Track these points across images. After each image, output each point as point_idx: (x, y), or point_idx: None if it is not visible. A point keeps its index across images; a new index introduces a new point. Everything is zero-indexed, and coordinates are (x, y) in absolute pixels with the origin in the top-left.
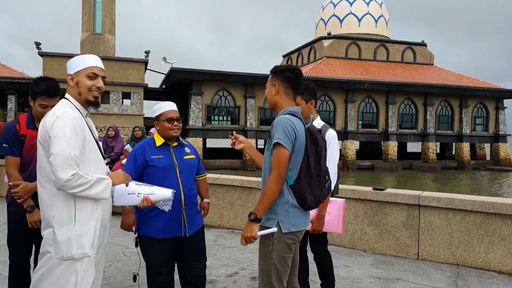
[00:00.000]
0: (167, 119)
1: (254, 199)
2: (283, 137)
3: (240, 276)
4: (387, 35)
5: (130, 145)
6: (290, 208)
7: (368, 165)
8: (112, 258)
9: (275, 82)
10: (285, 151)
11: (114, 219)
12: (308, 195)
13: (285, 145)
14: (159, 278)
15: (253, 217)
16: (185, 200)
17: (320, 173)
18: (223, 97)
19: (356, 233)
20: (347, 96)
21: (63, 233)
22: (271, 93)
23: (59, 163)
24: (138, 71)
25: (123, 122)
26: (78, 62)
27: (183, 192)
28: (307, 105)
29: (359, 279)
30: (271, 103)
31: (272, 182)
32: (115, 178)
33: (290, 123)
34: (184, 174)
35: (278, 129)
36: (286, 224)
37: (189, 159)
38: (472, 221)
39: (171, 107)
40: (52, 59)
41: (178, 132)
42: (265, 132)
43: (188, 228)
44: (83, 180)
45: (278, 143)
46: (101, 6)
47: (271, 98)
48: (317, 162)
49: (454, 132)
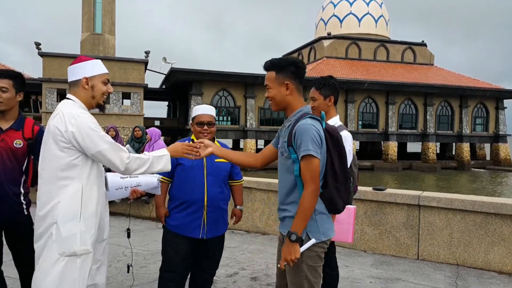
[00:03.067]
0: (198, 122)
1: (254, 199)
2: (312, 147)
3: (240, 276)
4: (387, 35)
5: (130, 145)
6: (318, 216)
7: (368, 165)
8: (112, 258)
9: (287, 81)
10: (317, 160)
11: (114, 219)
12: (337, 199)
13: (316, 155)
14: (172, 276)
15: (295, 237)
16: (207, 202)
17: (346, 175)
18: (223, 97)
19: (356, 233)
20: (347, 96)
21: (68, 229)
22: (280, 93)
23: (109, 154)
24: (138, 72)
25: (123, 122)
26: (96, 67)
27: (206, 193)
28: (325, 101)
29: (359, 279)
30: (281, 104)
31: (310, 196)
32: (173, 152)
33: (316, 130)
34: (212, 176)
35: (304, 138)
36: (315, 233)
37: (220, 162)
38: (472, 221)
39: (204, 111)
40: (52, 59)
41: (208, 136)
42: (265, 132)
43: (207, 231)
44: (140, 161)
45: (309, 155)
46: (101, 6)
47: (282, 99)
48: (341, 164)
49: (454, 132)
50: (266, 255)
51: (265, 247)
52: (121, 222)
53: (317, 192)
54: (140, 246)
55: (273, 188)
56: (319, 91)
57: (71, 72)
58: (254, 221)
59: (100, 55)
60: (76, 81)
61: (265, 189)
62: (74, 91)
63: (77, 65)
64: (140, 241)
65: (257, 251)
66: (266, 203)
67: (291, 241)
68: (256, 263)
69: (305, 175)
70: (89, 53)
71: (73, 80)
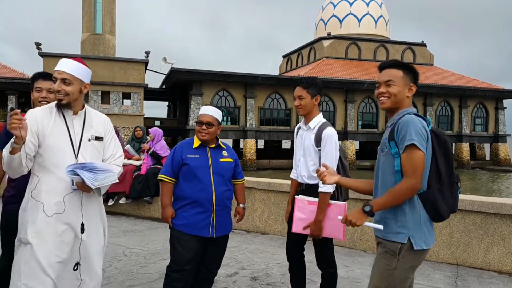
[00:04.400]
0: (197, 121)
1: (254, 199)
2: (417, 137)
3: (240, 276)
4: (387, 36)
5: (131, 145)
6: (423, 222)
7: (368, 165)
8: (112, 258)
9: (412, 84)
10: (421, 152)
11: (114, 219)
12: (441, 204)
13: (420, 147)
14: (180, 276)
15: (369, 209)
16: (216, 201)
17: (452, 179)
18: (223, 97)
19: (356, 233)
20: (347, 96)
21: (21, 217)
22: (403, 93)
23: None
24: (138, 72)
25: (123, 122)
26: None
27: (214, 192)
28: (311, 100)
29: (359, 279)
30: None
31: (408, 189)
32: None
33: (422, 123)
34: (218, 176)
35: (410, 129)
36: (418, 240)
37: (225, 161)
38: (472, 221)
39: (206, 111)
40: (53, 59)
41: (206, 136)
42: (265, 132)
43: (216, 229)
44: None
45: (412, 145)
46: (101, 7)
47: (402, 98)
48: (448, 167)
49: (454, 132)
50: (266, 255)
51: (265, 247)
52: (121, 222)
53: (417, 187)
54: (140, 246)
55: (273, 188)
56: (307, 90)
57: None
58: (254, 221)
59: (101, 55)
60: None
61: (265, 189)
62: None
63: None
64: (140, 241)
65: (257, 251)
66: (266, 203)
67: (363, 210)
68: (256, 262)
69: (406, 166)
70: (89, 53)
71: None
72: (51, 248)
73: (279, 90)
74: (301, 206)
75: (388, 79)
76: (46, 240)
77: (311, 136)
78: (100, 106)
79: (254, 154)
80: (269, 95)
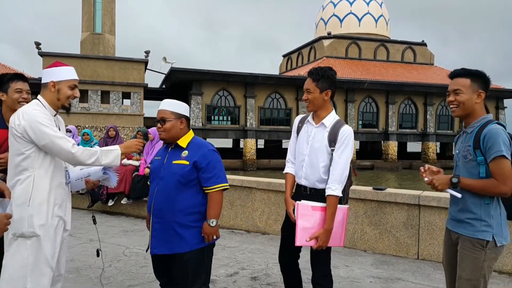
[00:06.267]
0: (155, 119)
1: (254, 199)
2: (505, 149)
3: (240, 276)
4: (387, 35)
5: None
6: (503, 221)
7: (368, 165)
8: (112, 258)
9: (480, 90)
10: (509, 162)
11: (114, 219)
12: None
13: (508, 157)
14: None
15: (456, 181)
16: (153, 212)
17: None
18: (223, 97)
19: (356, 233)
20: (347, 96)
21: (18, 212)
22: (471, 100)
23: (57, 144)
24: (138, 71)
25: (123, 122)
26: (63, 73)
27: (153, 201)
28: (321, 94)
29: (359, 279)
30: (468, 110)
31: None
32: (126, 148)
33: (506, 135)
34: (164, 181)
35: (498, 140)
36: (500, 237)
37: (177, 164)
38: None
39: (160, 106)
40: (52, 59)
41: (162, 135)
42: (265, 132)
43: (153, 246)
44: (88, 152)
45: (502, 156)
46: (101, 6)
47: (471, 105)
48: None
49: (454, 132)
50: (266, 255)
51: (265, 246)
52: (121, 222)
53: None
54: (140, 246)
55: (273, 188)
56: (316, 83)
57: (43, 75)
58: (254, 220)
59: (100, 55)
60: (45, 83)
61: (265, 188)
62: (43, 93)
63: (48, 70)
64: (140, 241)
65: (257, 251)
66: (266, 203)
67: (451, 180)
68: (256, 262)
69: (497, 175)
70: (89, 53)
71: (43, 82)
72: (52, 240)
73: (279, 90)
74: (305, 214)
75: (456, 88)
76: (49, 233)
77: (324, 135)
78: (99, 105)
79: (254, 154)
80: (269, 95)
